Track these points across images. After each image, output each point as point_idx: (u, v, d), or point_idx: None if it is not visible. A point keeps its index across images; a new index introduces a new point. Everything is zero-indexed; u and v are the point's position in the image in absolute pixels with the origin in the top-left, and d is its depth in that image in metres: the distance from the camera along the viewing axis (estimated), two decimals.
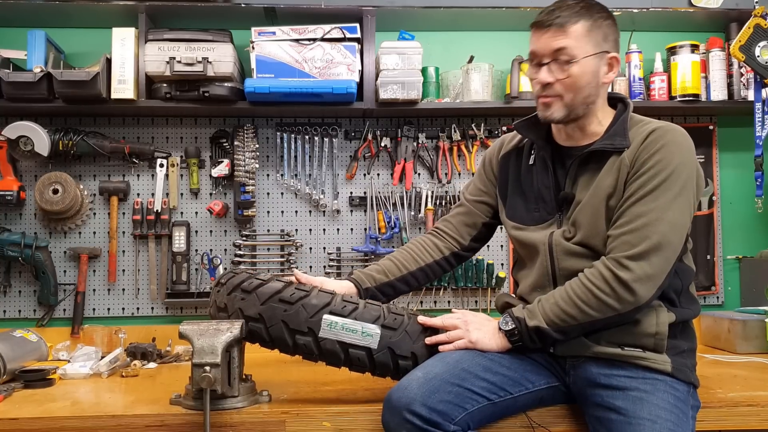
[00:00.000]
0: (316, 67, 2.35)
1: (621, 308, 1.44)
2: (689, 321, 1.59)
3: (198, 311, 2.55)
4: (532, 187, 1.66)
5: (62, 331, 2.46)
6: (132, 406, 1.65)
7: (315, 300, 1.55)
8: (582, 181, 1.57)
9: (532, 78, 1.58)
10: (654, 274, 1.43)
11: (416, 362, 1.55)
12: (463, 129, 2.60)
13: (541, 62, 1.54)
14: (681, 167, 1.47)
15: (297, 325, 1.53)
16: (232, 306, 1.57)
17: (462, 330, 1.56)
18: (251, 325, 1.56)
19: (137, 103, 2.34)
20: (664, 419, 1.41)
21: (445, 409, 1.41)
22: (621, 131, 1.54)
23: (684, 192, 1.47)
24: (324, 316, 1.53)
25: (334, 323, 1.52)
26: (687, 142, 1.52)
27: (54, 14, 2.43)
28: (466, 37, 2.65)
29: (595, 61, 1.53)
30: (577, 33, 1.50)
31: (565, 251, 1.56)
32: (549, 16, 1.52)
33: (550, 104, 1.54)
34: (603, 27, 1.54)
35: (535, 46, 1.54)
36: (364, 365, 1.56)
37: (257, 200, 2.58)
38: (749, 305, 2.58)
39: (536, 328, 1.49)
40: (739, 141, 2.70)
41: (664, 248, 1.43)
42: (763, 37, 2.38)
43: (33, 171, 2.52)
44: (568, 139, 1.62)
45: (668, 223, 1.44)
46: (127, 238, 2.55)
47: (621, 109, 1.61)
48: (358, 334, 1.53)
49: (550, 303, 1.49)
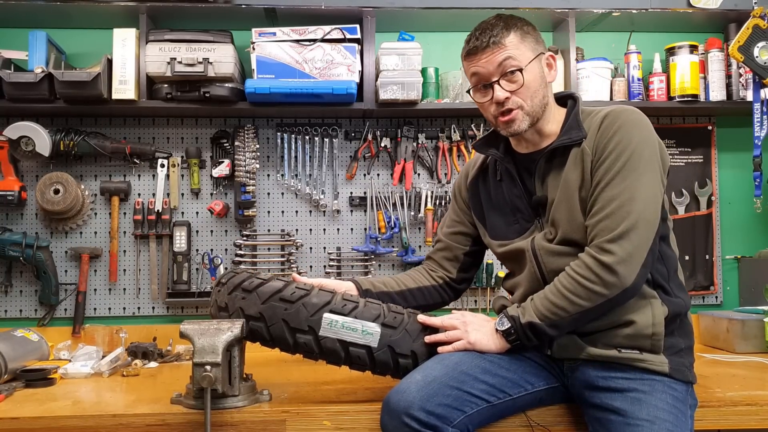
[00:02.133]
0: (317, 67, 2.35)
1: (608, 293, 1.43)
2: (685, 315, 1.59)
3: (199, 311, 2.56)
4: (506, 201, 1.67)
5: (63, 331, 2.47)
6: (133, 406, 1.66)
7: (315, 299, 1.55)
8: (550, 180, 1.58)
9: (483, 101, 1.59)
10: (635, 251, 1.43)
11: (416, 361, 1.56)
12: (463, 129, 2.61)
13: (488, 83, 1.56)
14: (642, 144, 1.48)
15: (297, 323, 1.53)
16: (232, 305, 1.58)
17: (461, 331, 1.57)
18: (252, 324, 1.56)
19: (138, 104, 2.35)
20: (662, 420, 1.41)
21: (444, 412, 1.41)
22: (575, 124, 1.57)
23: (650, 167, 1.48)
24: (324, 314, 1.53)
25: (335, 322, 1.53)
26: (642, 120, 1.53)
27: (55, 15, 2.44)
28: (465, 37, 2.65)
29: (537, 64, 1.57)
30: (514, 43, 1.54)
31: (549, 252, 1.57)
32: (481, 38, 1.55)
33: (514, 118, 1.56)
34: (530, 32, 1.59)
35: (479, 69, 1.56)
36: (364, 363, 1.57)
37: (258, 200, 2.58)
38: (748, 305, 2.58)
39: (530, 323, 1.49)
40: (737, 141, 2.71)
41: (641, 225, 1.44)
42: (762, 38, 2.38)
43: (34, 171, 2.53)
44: (528, 146, 1.64)
45: (641, 201, 1.45)
46: (128, 238, 2.55)
47: (571, 105, 1.63)
48: (358, 333, 1.53)
49: (540, 298, 1.50)
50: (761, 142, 2.49)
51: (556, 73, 1.63)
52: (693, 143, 2.70)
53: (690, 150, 2.70)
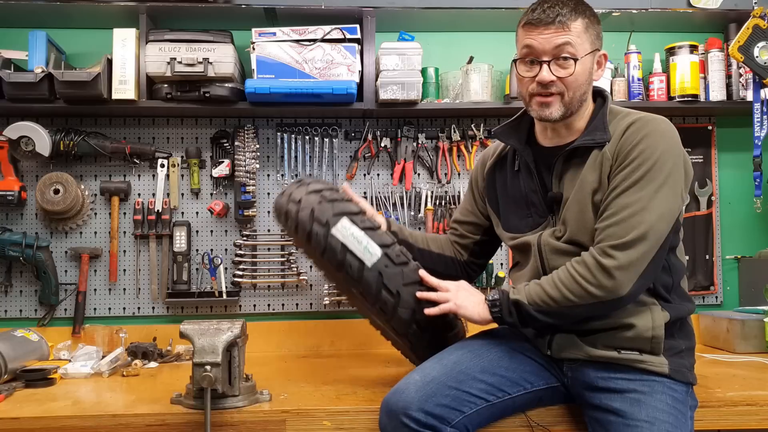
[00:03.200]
0: (317, 67, 2.35)
1: (601, 295, 1.42)
2: (686, 318, 1.59)
3: (199, 311, 2.56)
4: (521, 194, 1.66)
5: (63, 331, 2.47)
6: (133, 406, 1.66)
7: (346, 206, 1.61)
8: (567, 178, 1.56)
9: (526, 76, 1.54)
10: (637, 261, 1.42)
11: (397, 303, 1.58)
12: (463, 129, 2.61)
13: (539, 60, 1.50)
14: (665, 156, 1.46)
15: (320, 216, 1.58)
16: (306, 203, 1.60)
17: (451, 293, 1.58)
18: (299, 213, 1.60)
19: (138, 104, 2.35)
20: (662, 421, 1.41)
21: (442, 413, 1.41)
22: (601, 125, 1.54)
23: (670, 180, 1.45)
24: (343, 218, 1.58)
25: (347, 228, 1.58)
26: (670, 130, 1.51)
27: (55, 15, 2.44)
28: (465, 37, 2.66)
29: (591, 58, 1.54)
30: (578, 30, 1.49)
31: (554, 250, 1.56)
32: (549, 12, 1.48)
33: (550, 103, 1.52)
34: (595, 25, 1.54)
35: (535, 43, 1.50)
36: (352, 275, 1.59)
37: (258, 200, 2.58)
38: (748, 305, 2.58)
39: (516, 301, 1.50)
40: (737, 141, 2.71)
41: (650, 237, 1.42)
42: (762, 38, 2.38)
43: (34, 171, 2.53)
44: (554, 138, 1.62)
45: (654, 213, 1.43)
46: (128, 238, 2.55)
47: (600, 103, 1.60)
48: (361, 247, 1.57)
49: (535, 284, 1.51)
50: (761, 142, 2.49)
51: (602, 73, 1.59)
52: (693, 143, 2.70)
53: (690, 150, 2.70)
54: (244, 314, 2.56)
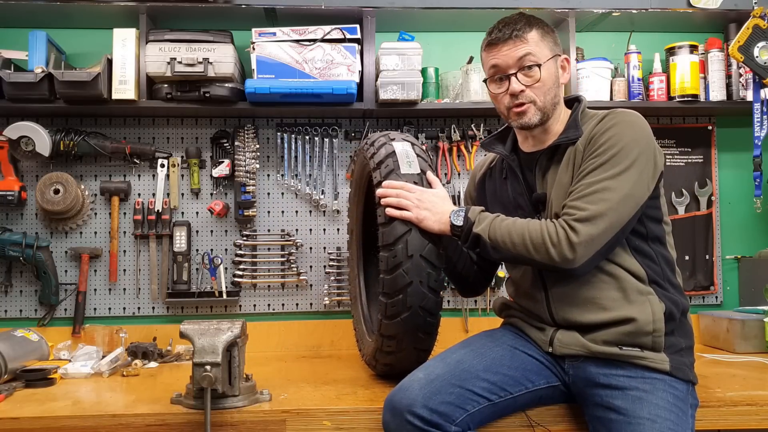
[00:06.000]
0: (317, 67, 2.35)
1: (558, 261, 1.47)
2: (684, 315, 1.60)
3: (199, 311, 2.56)
4: (509, 198, 1.71)
5: (63, 331, 2.47)
6: (133, 406, 1.66)
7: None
8: (549, 178, 1.63)
9: (498, 92, 1.63)
10: (597, 237, 1.46)
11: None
12: (463, 129, 2.61)
13: (507, 74, 1.60)
14: (632, 144, 1.50)
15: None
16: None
17: (413, 205, 1.63)
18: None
19: (138, 104, 2.35)
20: (663, 418, 1.41)
21: (446, 410, 1.42)
22: (574, 125, 1.61)
23: (635, 165, 1.49)
24: (402, 142, 1.80)
25: (405, 148, 1.76)
26: (640, 122, 1.55)
27: (55, 15, 2.44)
28: (465, 37, 2.66)
29: (553, 63, 1.62)
30: (535, 39, 1.60)
31: None
32: (504, 30, 1.60)
33: (526, 111, 1.61)
34: (550, 33, 1.64)
35: (498, 61, 1.61)
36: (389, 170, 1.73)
37: (258, 200, 2.58)
38: (748, 305, 2.58)
39: (478, 236, 1.55)
40: (737, 141, 2.71)
41: (609, 215, 1.46)
42: (762, 38, 2.38)
43: (34, 171, 2.53)
44: (535, 144, 1.68)
45: (616, 193, 1.47)
46: (128, 238, 2.55)
47: (576, 106, 1.68)
48: (408, 159, 1.73)
49: (504, 224, 1.55)
50: (761, 142, 2.49)
51: (569, 76, 1.69)
52: (693, 143, 2.70)
53: (690, 150, 2.71)
54: (244, 314, 2.56)
